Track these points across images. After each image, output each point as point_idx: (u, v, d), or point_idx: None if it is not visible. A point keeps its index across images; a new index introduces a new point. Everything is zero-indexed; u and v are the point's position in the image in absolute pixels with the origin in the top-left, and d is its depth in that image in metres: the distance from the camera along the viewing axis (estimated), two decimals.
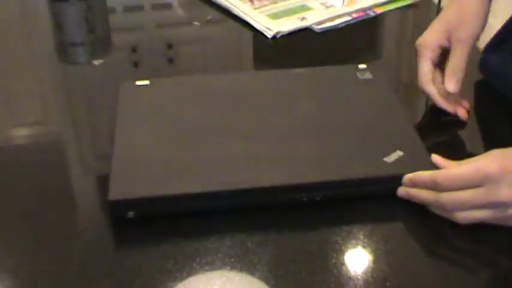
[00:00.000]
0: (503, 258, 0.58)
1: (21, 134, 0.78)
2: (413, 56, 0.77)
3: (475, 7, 0.74)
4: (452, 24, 0.74)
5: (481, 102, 0.80)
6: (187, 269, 0.55)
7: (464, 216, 0.58)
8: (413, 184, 0.61)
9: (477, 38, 0.74)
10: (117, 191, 0.59)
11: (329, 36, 0.96)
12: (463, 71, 0.73)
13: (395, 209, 0.62)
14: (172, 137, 0.65)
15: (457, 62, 0.73)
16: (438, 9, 1.10)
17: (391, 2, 1.04)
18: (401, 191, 0.62)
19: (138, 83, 0.73)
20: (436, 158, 0.63)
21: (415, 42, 0.76)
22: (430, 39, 0.76)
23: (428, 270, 0.57)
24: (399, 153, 0.63)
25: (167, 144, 0.64)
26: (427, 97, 0.76)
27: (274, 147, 0.64)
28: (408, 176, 0.61)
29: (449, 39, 0.75)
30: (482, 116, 0.78)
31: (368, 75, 0.75)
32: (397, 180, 0.61)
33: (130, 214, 0.59)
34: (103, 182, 0.63)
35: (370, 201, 0.62)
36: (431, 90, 0.75)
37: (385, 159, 0.62)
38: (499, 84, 0.80)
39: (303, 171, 0.61)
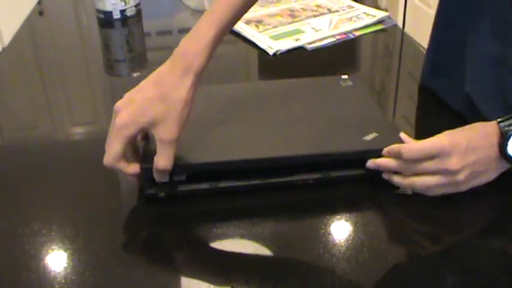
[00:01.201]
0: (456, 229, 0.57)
1: (78, 131, 0.77)
2: (383, 69, 0.76)
3: (182, 106, 0.55)
4: (154, 116, 0.54)
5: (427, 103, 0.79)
6: (206, 235, 0.54)
7: (421, 181, 0.57)
8: (378, 166, 0.60)
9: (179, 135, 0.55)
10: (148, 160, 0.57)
11: (318, 54, 0.95)
12: (168, 168, 0.56)
13: (373, 191, 0.61)
14: (199, 124, 0.63)
15: (162, 163, 0.55)
16: (403, 33, 1.09)
17: (367, 27, 1.03)
18: (370, 162, 0.60)
19: None
20: (403, 135, 0.62)
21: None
22: (126, 129, 0.55)
23: (396, 236, 0.56)
24: (375, 134, 0.62)
25: (195, 128, 0.61)
26: (395, 99, 0.75)
27: (277, 132, 0.63)
28: (385, 149, 0.60)
29: (150, 130, 0.55)
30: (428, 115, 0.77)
31: (349, 83, 0.73)
32: (374, 154, 0.60)
33: (161, 195, 0.58)
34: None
35: (352, 184, 0.61)
36: (118, 167, 0.57)
37: (364, 138, 0.61)
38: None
39: (298, 146, 0.60)
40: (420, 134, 0.73)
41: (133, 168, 0.58)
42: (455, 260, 0.52)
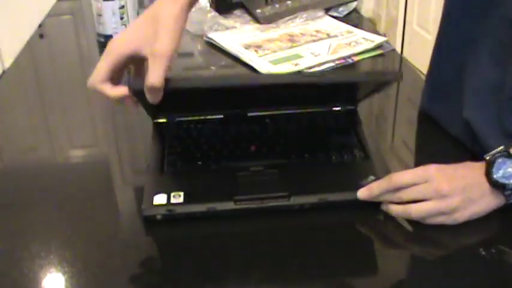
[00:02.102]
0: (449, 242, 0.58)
1: (77, 154, 0.78)
2: (382, 94, 0.78)
3: (172, 20, 0.56)
4: (146, 36, 0.56)
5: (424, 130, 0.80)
6: (204, 258, 0.55)
7: (416, 208, 0.58)
8: (371, 191, 0.60)
9: (175, 51, 0.57)
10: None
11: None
12: (160, 85, 0.56)
13: (370, 215, 0.61)
14: None
15: (153, 77, 0.55)
16: (401, 58, 1.11)
17: (365, 52, 1.05)
18: (361, 193, 0.61)
19: None
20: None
21: None
22: (117, 47, 0.58)
23: (396, 260, 0.57)
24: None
25: None
26: (393, 124, 0.76)
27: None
28: (374, 183, 0.60)
29: (142, 50, 0.57)
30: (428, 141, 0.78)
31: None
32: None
33: (159, 217, 0.59)
34: (138, 192, 0.63)
35: (349, 209, 0.62)
36: (101, 88, 0.59)
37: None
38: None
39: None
40: (419, 159, 0.74)
41: (119, 90, 0.56)
42: (458, 282, 0.53)
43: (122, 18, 1.11)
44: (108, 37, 1.12)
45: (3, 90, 0.96)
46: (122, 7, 1.10)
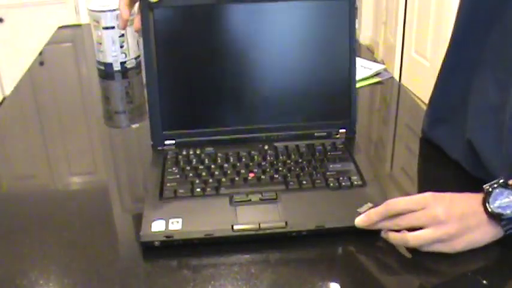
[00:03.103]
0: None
1: (76, 181, 0.79)
2: (381, 121, 0.79)
3: None
4: None
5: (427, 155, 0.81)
6: (203, 285, 0.56)
7: (413, 236, 0.58)
8: (369, 218, 0.61)
9: None
10: None
11: None
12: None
13: (369, 242, 0.62)
14: None
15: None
16: (399, 85, 1.12)
17: (364, 80, 1.06)
18: (359, 221, 0.61)
19: None
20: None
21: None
22: None
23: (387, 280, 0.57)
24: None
25: None
26: (392, 151, 0.77)
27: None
28: (371, 210, 0.61)
29: None
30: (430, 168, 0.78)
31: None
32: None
33: (157, 243, 0.60)
34: (137, 219, 0.63)
35: (347, 236, 0.62)
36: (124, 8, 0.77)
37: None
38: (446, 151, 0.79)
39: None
40: (418, 186, 0.75)
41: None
42: None
43: (121, 47, 1.13)
44: (108, 65, 1.14)
45: (4, 117, 0.97)
46: (122, 35, 1.13)
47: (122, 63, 1.15)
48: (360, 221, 0.61)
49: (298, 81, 0.79)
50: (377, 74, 1.09)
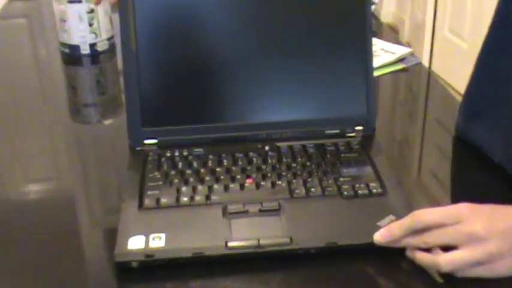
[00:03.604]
0: None
1: (34, 189, 0.79)
2: (406, 117, 0.79)
3: None
4: None
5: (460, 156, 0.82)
6: None
7: (445, 258, 0.58)
8: (391, 233, 0.61)
9: None
10: None
11: None
12: None
13: (387, 262, 0.63)
14: None
15: None
16: (429, 73, 1.14)
17: (385, 67, 1.08)
18: (379, 236, 0.62)
19: None
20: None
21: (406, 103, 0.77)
22: None
23: None
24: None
25: None
26: (420, 153, 0.78)
27: None
28: (391, 225, 0.62)
29: None
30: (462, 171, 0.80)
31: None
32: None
33: (135, 264, 0.61)
34: (110, 235, 0.64)
35: (362, 255, 0.63)
36: None
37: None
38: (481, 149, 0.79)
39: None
40: (452, 195, 0.76)
41: None
42: None
43: (91, 25, 1.13)
44: (75, 48, 1.14)
45: None
46: (92, 11, 1.13)
47: (92, 46, 1.15)
48: (380, 236, 0.62)
49: (303, 68, 0.80)
50: (401, 59, 1.10)
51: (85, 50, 1.15)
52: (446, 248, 0.59)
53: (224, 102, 0.80)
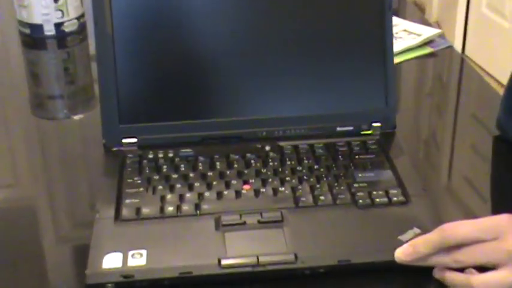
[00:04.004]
0: None
1: None
2: (433, 111, 0.80)
3: None
4: None
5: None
6: None
7: (481, 279, 0.59)
8: (415, 249, 0.62)
9: None
10: None
11: None
12: None
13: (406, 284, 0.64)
14: None
15: None
16: (462, 59, 1.14)
17: (408, 51, 1.08)
18: (400, 253, 0.62)
19: None
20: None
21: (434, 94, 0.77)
22: None
23: None
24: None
25: None
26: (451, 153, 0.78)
27: None
28: (408, 244, 0.62)
29: None
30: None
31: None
32: None
33: (110, 286, 0.62)
34: (81, 252, 0.65)
35: (378, 275, 0.64)
36: None
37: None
38: None
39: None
40: (492, 205, 0.76)
41: None
42: None
43: (56, 1, 1.13)
44: (37, 28, 1.14)
45: None
46: None
47: (58, 26, 1.15)
48: (402, 253, 0.63)
49: (310, 53, 0.81)
50: (429, 42, 1.11)
51: (49, 30, 1.15)
52: (482, 268, 0.60)
53: (217, 95, 0.81)
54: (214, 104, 0.81)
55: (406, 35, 1.11)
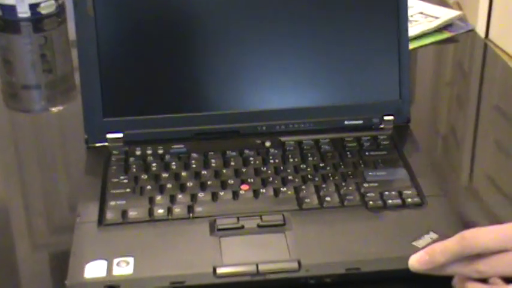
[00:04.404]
0: None
1: None
2: (453, 102, 0.80)
3: None
4: None
5: None
6: None
7: None
8: (432, 257, 0.62)
9: None
10: None
11: None
12: None
13: None
14: None
15: None
16: (485, 44, 1.14)
17: (424, 36, 1.09)
18: (415, 261, 0.62)
19: None
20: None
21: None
22: None
23: None
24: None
25: None
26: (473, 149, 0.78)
27: None
28: (424, 251, 0.63)
29: None
30: None
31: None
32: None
33: None
34: (61, 259, 0.65)
35: (381, 286, 0.64)
36: None
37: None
38: None
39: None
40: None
41: None
42: None
43: None
44: (9, 10, 1.14)
45: None
46: None
47: (33, 7, 1.15)
48: (417, 261, 0.63)
49: (316, 38, 0.82)
50: (447, 26, 1.11)
51: (24, 12, 1.15)
52: (508, 279, 0.60)
53: (212, 85, 0.82)
54: (208, 95, 0.82)
55: (422, 18, 1.12)
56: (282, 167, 0.76)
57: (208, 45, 0.81)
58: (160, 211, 0.70)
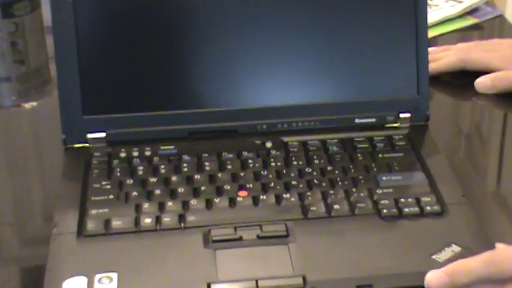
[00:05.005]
0: None
1: None
2: (477, 97, 0.80)
3: None
4: None
5: None
6: None
7: None
8: (453, 275, 0.62)
9: None
10: None
11: None
12: None
13: None
14: None
15: None
16: None
17: (446, 22, 1.10)
18: (436, 276, 0.62)
19: None
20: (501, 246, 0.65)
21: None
22: None
23: None
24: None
25: None
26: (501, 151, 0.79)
27: None
28: (444, 270, 0.63)
29: None
30: None
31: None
32: None
33: None
34: (35, 276, 0.66)
35: None
36: None
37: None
38: None
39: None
40: None
41: None
42: None
43: None
44: None
45: None
46: None
47: None
48: (435, 279, 0.63)
49: (324, 27, 0.83)
50: (472, 11, 1.12)
51: None
52: None
53: (206, 78, 0.83)
54: (202, 90, 0.83)
55: (443, 2, 1.12)
56: (284, 171, 0.77)
57: (201, 32, 0.82)
58: (148, 221, 0.71)
